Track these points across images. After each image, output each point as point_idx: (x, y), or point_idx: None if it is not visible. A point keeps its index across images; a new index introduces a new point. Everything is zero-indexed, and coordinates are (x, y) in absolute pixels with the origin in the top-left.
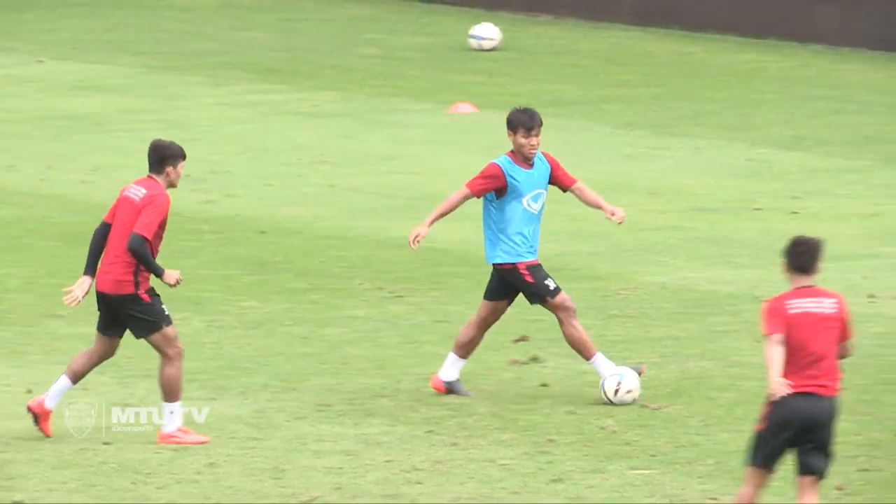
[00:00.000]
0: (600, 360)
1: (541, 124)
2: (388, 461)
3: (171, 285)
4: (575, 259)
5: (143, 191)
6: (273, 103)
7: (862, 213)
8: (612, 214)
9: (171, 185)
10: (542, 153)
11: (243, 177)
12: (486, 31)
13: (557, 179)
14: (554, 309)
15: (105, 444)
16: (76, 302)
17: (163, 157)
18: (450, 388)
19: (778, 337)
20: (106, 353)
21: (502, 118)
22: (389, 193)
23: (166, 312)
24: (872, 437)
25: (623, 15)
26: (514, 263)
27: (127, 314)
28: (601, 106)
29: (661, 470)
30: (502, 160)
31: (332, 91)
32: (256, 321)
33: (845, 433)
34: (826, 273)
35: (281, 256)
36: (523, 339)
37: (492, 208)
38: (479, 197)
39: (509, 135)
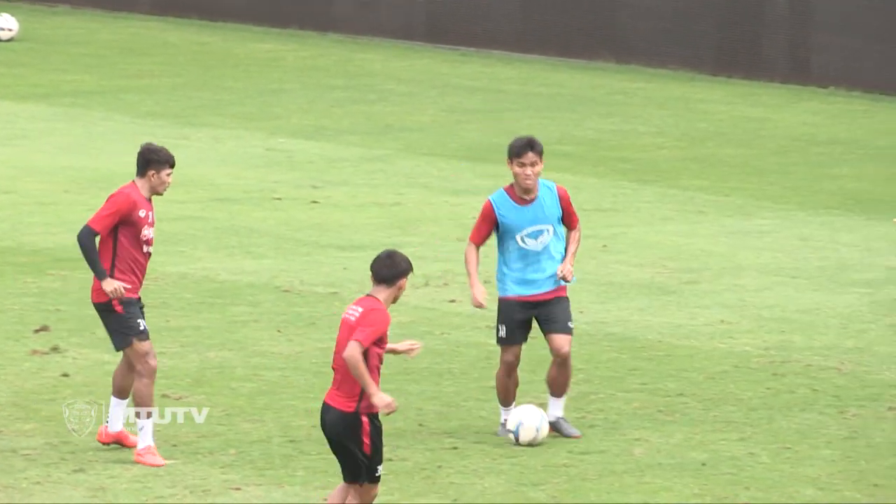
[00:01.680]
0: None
1: (539, 152)
2: None
3: (107, 293)
4: None
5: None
6: None
7: (383, 203)
8: (561, 272)
9: (155, 191)
10: (557, 186)
11: None
12: (4, 22)
13: (565, 216)
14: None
15: None
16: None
17: (146, 160)
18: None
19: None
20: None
21: (20, 109)
22: None
23: (141, 327)
24: (396, 427)
25: (140, 5)
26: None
27: (103, 324)
28: (120, 96)
29: (183, 460)
30: (496, 196)
31: None
32: None
33: None
34: (348, 262)
35: None
36: (44, 329)
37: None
38: (482, 243)
39: (508, 165)
